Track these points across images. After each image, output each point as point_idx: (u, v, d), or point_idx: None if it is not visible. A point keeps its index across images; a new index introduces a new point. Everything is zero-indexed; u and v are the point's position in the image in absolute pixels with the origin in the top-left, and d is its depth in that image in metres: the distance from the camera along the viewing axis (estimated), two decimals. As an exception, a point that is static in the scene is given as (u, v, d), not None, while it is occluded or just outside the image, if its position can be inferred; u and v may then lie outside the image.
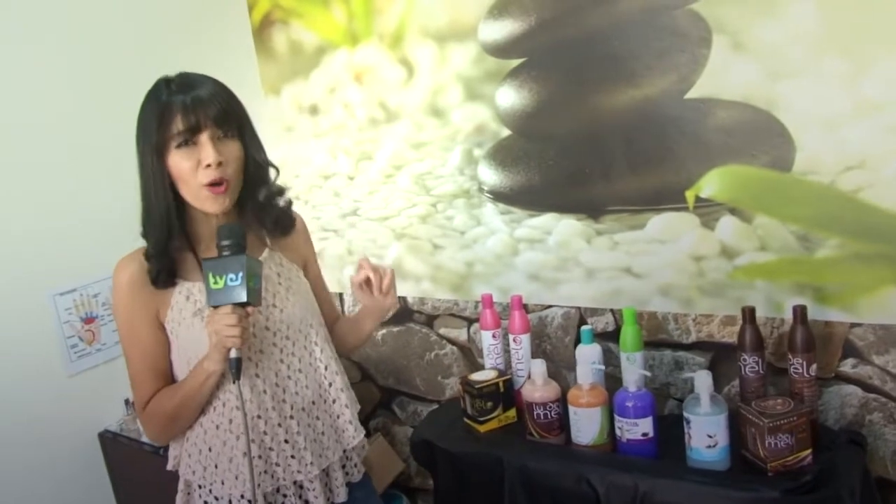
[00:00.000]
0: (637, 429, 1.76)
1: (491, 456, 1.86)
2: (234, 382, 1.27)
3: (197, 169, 1.28)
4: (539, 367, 1.89)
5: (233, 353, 1.26)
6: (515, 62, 2.04)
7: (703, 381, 1.68)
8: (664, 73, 1.84)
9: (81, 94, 2.13)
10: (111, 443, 2.15)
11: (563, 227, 2.08)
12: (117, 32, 2.21)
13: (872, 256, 1.70)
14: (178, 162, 1.29)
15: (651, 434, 1.76)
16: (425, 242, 2.35)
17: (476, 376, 2.03)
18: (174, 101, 1.28)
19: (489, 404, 1.99)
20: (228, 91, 1.34)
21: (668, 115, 1.86)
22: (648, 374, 1.85)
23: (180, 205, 1.34)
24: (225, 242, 1.26)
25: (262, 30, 2.51)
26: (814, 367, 1.72)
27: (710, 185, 1.85)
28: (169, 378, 1.41)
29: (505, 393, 2.00)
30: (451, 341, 2.40)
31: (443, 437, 1.99)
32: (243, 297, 1.24)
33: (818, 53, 1.66)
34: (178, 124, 1.27)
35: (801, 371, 1.72)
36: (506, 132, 2.12)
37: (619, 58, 1.88)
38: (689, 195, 1.88)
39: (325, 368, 1.45)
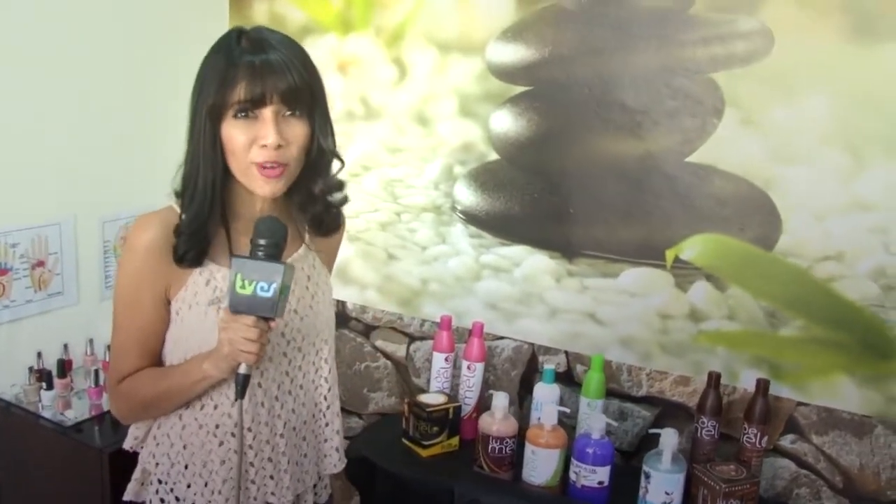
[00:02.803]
0: (595, 476, 1.76)
1: (441, 485, 1.80)
2: (236, 401, 1.13)
3: (251, 146, 1.13)
4: (502, 400, 1.85)
5: (242, 369, 1.12)
6: (519, 89, 2.02)
7: (669, 438, 1.72)
8: (671, 132, 1.88)
9: (25, 36, 1.90)
10: (2, 413, 1.89)
11: (533, 262, 2.07)
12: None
13: (831, 343, 1.81)
14: (233, 134, 1.13)
15: (606, 483, 1.77)
16: (380, 250, 2.26)
17: (426, 398, 1.96)
18: (241, 63, 1.11)
19: (435, 429, 1.93)
20: (306, 60, 1.18)
21: (665, 173, 1.90)
22: (615, 423, 1.87)
23: (224, 175, 1.17)
24: (262, 241, 1.10)
25: (240, -5, 2.34)
26: (766, 438, 1.80)
27: (693, 248, 1.90)
28: (156, 358, 1.25)
29: (453, 419, 1.95)
30: (387, 355, 2.32)
31: (384, 457, 1.91)
32: (271, 312, 1.10)
33: (822, 145, 1.75)
34: (241, 92, 1.11)
35: (753, 441, 1.79)
36: (493, 156, 2.08)
37: (628, 108, 1.90)
38: (670, 254, 1.92)
39: (329, 390, 1.33)
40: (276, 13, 2.30)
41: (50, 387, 1.88)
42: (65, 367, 1.94)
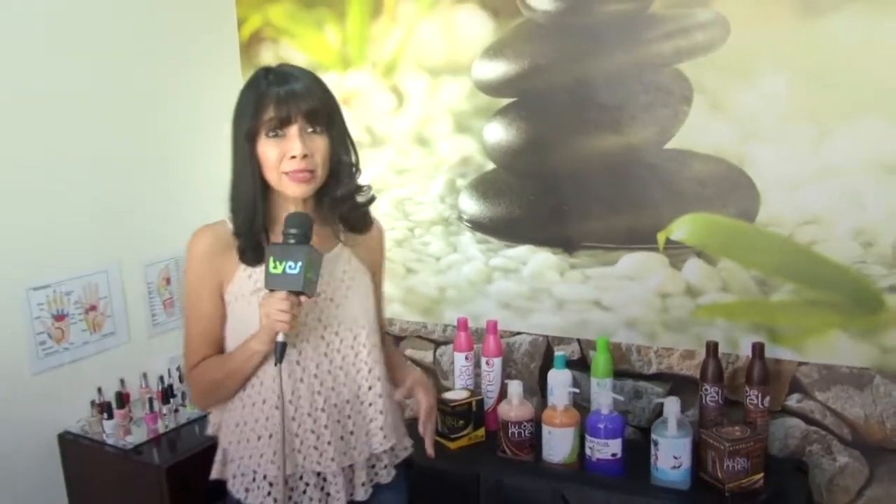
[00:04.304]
0: (607, 449, 1.89)
1: (467, 471, 1.94)
2: (276, 364, 1.34)
3: (282, 159, 1.35)
4: (516, 387, 2.00)
5: (279, 337, 1.32)
6: (506, 101, 2.18)
7: (672, 406, 1.84)
8: (647, 124, 2.01)
9: (63, 94, 2.11)
10: (71, 444, 2.11)
11: (538, 259, 2.22)
12: (103, 36, 2.21)
13: (821, 303, 1.91)
14: (266, 150, 1.36)
15: (619, 454, 1.89)
16: (399, 266, 2.43)
17: (449, 395, 2.12)
18: (269, 93, 1.35)
19: (461, 422, 2.08)
20: (323, 87, 1.41)
21: (647, 162, 2.03)
22: (621, 398, 2.00)
23: (265, 188, 1.40)
24: (291, 231, 1.32)
25: (249, 45, 2.56)
26: (767, 399, 1.90)
27: (681, 229, 2.03)
28: (220, 347, 1.47)
29: (476, 412, 2.10)
30: (416, 362, 2.48)
31: (414, 453, 2.05)
32: (299, 286, 1.29)
33: (786, 120, 1.87)
34: (270, 114, 1.34)
35: (756, 402, 1.90)
36: (490, 166, 2.24)
37: (606, 106, 2.05)
38: (661, 237, 2.05)
39: (369, 372, 1.49)
40: (281, 58, 2.50)
41: (110, 417, 2.09)
42: (123, 398, 2.15)
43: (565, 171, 2.14)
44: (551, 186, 2.17)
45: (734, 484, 1.78)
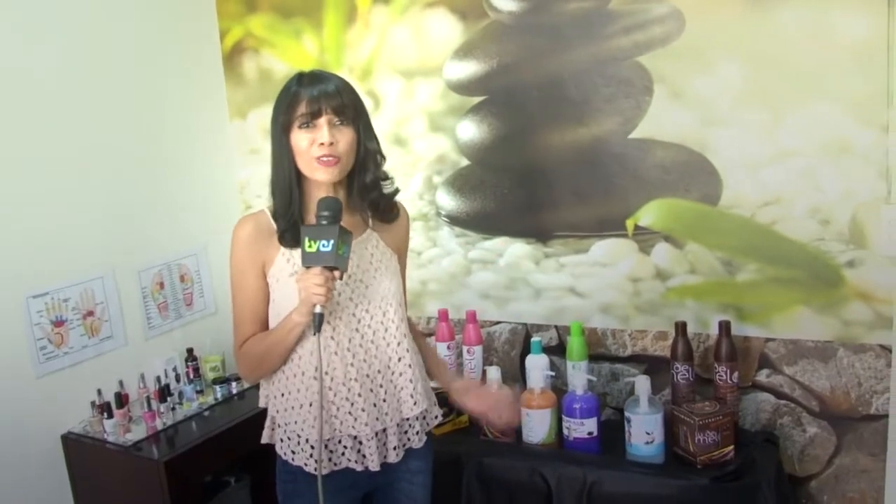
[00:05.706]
0: (583, 428, 1.97)
1: (450, 454, 2.02)
2: (314, 334, 1.46)
3: (312, 145, 1.49)
4: (495, 373, 2.08)
5: (317, 309, 1.44)
6: (477, 99, 2.27)
7: (642, 384, 1.92)
8: (611, 115, 2.10)
9: (58, 104, 2.21)
10: (74, 444, 2.20)
11: (513, 250, 2.30)
12: (90, 50, 2.30)
13: (785, 280, 1.99)
14: (299, 139, 1.51)
15: (595, 433, 1.97)
16: (383, 261, 2.52)
17: (433, 384, 2.20)
18: (302, 92, 1.51)
19: (444, 409, 2.16)
20: (350, 88, 1.56)
21: (612, 152, 2.11)
22: (594, 378, 2.08)
23: (299, 177, 1.55)
24: (323, 213, 1.44)
25: (232, 56, 2.65)
26: (736, 374, 1.98)
27: (648, 215, 2.11)
28: (265, 325, 1.60)
29: (459, 399, 2.18)
30: (404, 355, 2.57)
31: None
32: (332, 262, 1.42)
33: (742, 106, 1.95)
34: (303, 108, 1.50)
35: (724, 378, 1.98)
36: (464, 162, 2.33)
37: (571, 100, 2.13)
38: (629, 223, 2.13)
39: (398, 344, 1.61)
40: (263, 67, 2.60)
41: (111, 416, 2.18)
42: (122, 399, 2.24)
43: (536, 164, 2.23)
44: (523, 179, 2.25)
45: (705, 456, 1.86)
